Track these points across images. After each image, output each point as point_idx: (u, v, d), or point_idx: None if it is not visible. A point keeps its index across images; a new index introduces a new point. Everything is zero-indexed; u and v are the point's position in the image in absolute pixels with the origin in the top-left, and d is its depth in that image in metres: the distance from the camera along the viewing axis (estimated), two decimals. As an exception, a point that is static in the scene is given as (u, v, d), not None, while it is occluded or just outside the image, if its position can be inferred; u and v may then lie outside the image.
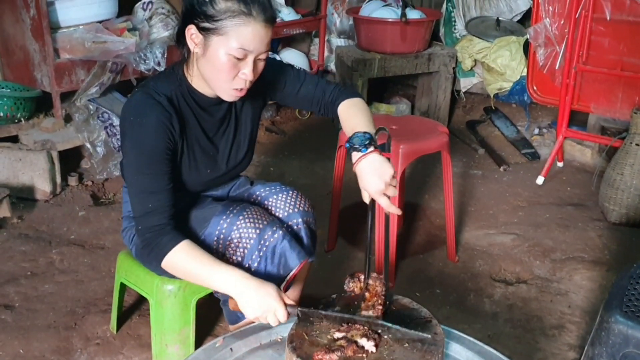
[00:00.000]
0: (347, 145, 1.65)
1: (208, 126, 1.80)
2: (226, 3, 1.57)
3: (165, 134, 1.65)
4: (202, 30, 1.60)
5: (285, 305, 1.53)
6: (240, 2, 1.57)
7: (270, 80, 1.85)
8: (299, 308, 1.52)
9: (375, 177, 1.57)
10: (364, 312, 1.48)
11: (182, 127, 1.71)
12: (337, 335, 1.43)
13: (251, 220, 1.76)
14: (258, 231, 1.75)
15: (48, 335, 2.26)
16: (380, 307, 1.48)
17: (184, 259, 1.62)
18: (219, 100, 1.76)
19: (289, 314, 1.53)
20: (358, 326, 1.44)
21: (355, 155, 1.62)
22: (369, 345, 1.38)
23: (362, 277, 1.56)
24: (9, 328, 2.30)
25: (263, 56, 1.65)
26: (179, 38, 1.69)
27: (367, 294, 1.51)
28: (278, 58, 4.26)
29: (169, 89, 1.70)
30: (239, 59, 1.60)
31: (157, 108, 1.64)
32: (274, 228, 1.78)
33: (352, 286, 1.56)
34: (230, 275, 1.59)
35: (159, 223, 1.63)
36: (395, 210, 1.63)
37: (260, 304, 1.53)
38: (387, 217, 1.64)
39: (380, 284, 1.52)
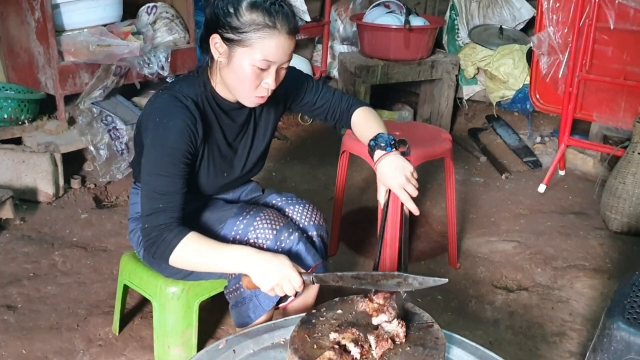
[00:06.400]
0: (372, 143, 1.76)
1: (229, 130, 1.82)
2: (251, 15, 1.57)
3: (188, 138, 1.65)
4: (226, 40, 1.60)
5: (300, 273, 1.56)
6: (265, 14, 1.57)
7: (290, 88, 1.88)
8: (313, 274, 1.55)
9: (397, 172, 1.69)
10: (376, 319, 1.47)
11: (205, 131, 1.72)
12: (332, 336, 1.42)
13: (268, 221, 1.78)
14: (275, 232, 1.77)
15: (50, 336, 2.27)
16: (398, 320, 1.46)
17: (192, 250, 1.61)
18: (240, 105, 1.77)
19: (304, 282, 1.56)
20: (354, 330, 1.42)
21: (378, 153, 1.73)
22: (355, 352, 1.37)
23: (374, 298, 1.54)
24: (11, 329, 2.30)
25: (285, 65, 1.66)
26: (202, 44, 1.70)
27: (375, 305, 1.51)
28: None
29: (194, 93, 1.71)
30: (262, 70, 1.62)
31: (184, 112, 1.65)
32: (290, 230, 1.80)
33: (363, 306, 1.54)
34: (241, 251, 1.61)
35: (165, 222, 1.61)
36: (413, 207, 1.71)
37: (275, 273, 1.55)
38: (406, 217, 1.69)
39: (391, 302, 1.49)
